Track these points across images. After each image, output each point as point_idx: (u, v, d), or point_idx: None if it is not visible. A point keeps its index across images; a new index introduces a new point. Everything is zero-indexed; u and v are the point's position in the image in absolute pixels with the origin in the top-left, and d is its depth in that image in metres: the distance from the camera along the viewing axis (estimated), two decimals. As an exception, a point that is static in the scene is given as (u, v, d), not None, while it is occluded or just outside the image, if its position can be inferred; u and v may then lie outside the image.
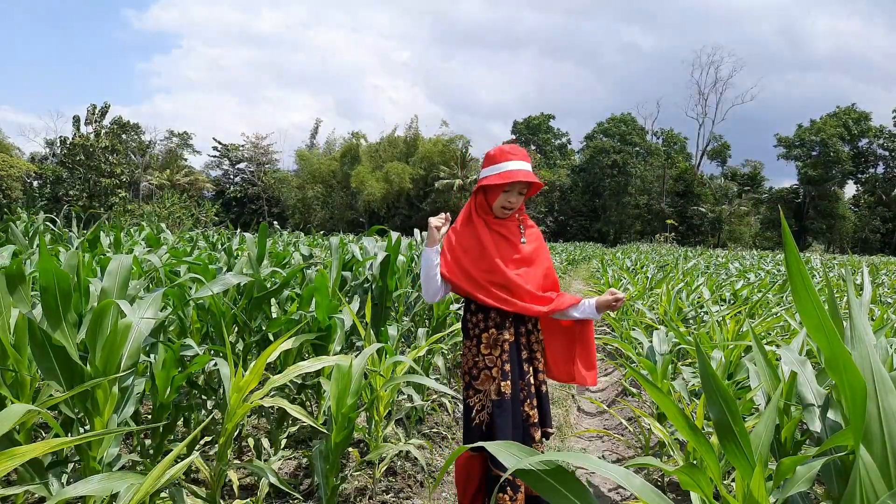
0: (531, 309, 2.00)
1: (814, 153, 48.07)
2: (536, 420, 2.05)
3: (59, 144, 32.54)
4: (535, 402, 2.05)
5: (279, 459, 2.56)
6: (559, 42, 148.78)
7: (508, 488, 1.97)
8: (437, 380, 3.83)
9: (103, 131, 31.96)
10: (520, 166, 1.98)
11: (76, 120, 31.73)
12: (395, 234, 3.77)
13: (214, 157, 51.71)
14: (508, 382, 2.00)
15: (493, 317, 2.04)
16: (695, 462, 2.40)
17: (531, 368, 2.07)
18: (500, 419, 1.97)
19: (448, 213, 2.08)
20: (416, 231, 5.72)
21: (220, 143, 51.00)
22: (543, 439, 2.08)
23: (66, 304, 1.78)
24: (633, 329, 3.89)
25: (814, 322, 1.12)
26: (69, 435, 2.06)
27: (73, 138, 30.79)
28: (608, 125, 50.39)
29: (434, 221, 2.03)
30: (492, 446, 1.15)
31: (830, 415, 1.67)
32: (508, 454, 1.12)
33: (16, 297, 1.83)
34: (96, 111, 32.04)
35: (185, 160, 49.58)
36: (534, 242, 2.10)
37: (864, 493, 1.12)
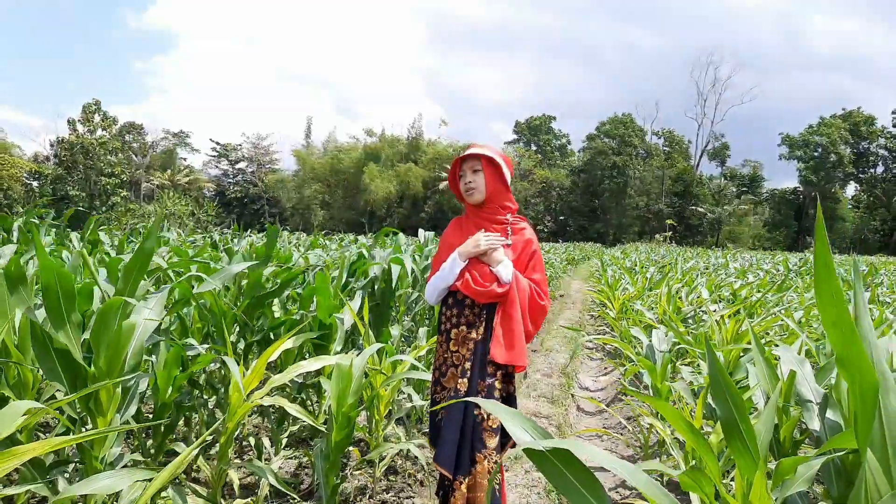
0: (493, 291, 1.97)
1: (815, 154, 48.05)
2: (495, 426, 1.97)
3: (56, 144, 32.57)
4: None
5: (280, 459, 2.57)
6: (559, 42, 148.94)
7: (451, 489, 1.95)
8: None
9: (99, 130, 32.01)
10: (467, 151, 2.06)
11: (72, 122, 31.80)
12: (402, 237, 3.77)
13: (213, 156, 51.63)
14: (465, 380, 1.98)
15: (467, 314, 2.02)
16: (694, 461, 2.41)
17: (499, 373, 2.01)
18: (449, 416, 1.94)
19: (505, 238, 2.05)
20: (421, 231, 5.72)
21: (217, 142, 50.91)
22: (500, 449, 2.00)
23: (69, 303, 1.78)
24: (633, 328, 3.90)
25: (832, 317, 1.10)
26: (71, 435, 2.07)
27: (69, 137, 30.86)
28: (608, 126, 50.37)
29: (482, 241, 2.00)
30: (505, 419, 1.13)
31: (830, 414, 1.68)
32: (520, 429, 1.11)
33: (16, 298, 1.83)
34: (90, 109, 32.09)
35: (184, 159, 49.54)
36: (519, 246, 2.07)
37: (868, 493, 1.13)
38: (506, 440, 2.04)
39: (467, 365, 1.99)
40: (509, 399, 2.07)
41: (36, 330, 1.73)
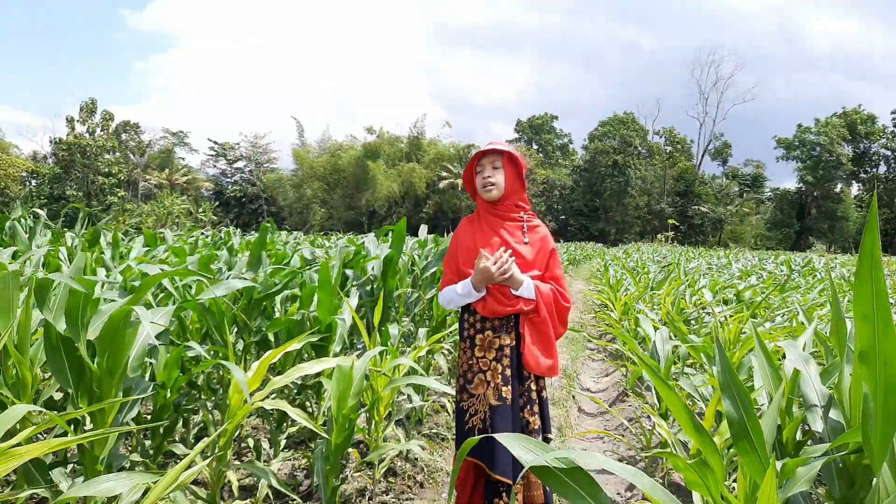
0: (518, 306, 1.96)
1: (814, 153, 47.98)
2: (537, 427, 2.01)
3: (54, 143, 32.63)
4: (535, 409, 2.02)
5: (279, 460, 2.56)
6: (559, 42, 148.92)
7: (504, 494, 1.94)
8: (437, 380, 3.82)
9: (98, 130, 32.05)
10: (488, 146, 2.05)
11: (70, 120, 31.85)
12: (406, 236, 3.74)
13: (211, 155, 51.53)
14: (510, 388, 1.96)
15: (492, 319, 2.00)
16: (703, 460, 2.39)
17: (532, 374, 2.02)
18: (502, 425, 1.93)
19: (508, 255, 1.96)
20: (422, 229, 5.64)
21: (215, 142, 50.82)
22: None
23: (85, 310, 1.79)
24: (637, 328, 3.88)
25: (865, 309, 1.07)
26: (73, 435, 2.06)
27: (66, 137, 30.96)
28: (609, 126, 50.33)
29: (493, 270, 1.90)
30: (504, 439, 1.14)
31: (833, 415, 1.66)
32: (521, 447, 1.12)
33: (45, 307, 1.83)
34: (86, 108, 32.13)
35: (182, 159, 49.42)
36: (536, 244, 2.05)
37: (878, 493, 1.12)
38: (546, 436, 2.06)
39: (508, 373, 1.97)
40: (541, 394, 2.08)
41: (51, 334, 1.73)
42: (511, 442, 1.13)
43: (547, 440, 2.06)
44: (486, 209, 2.09)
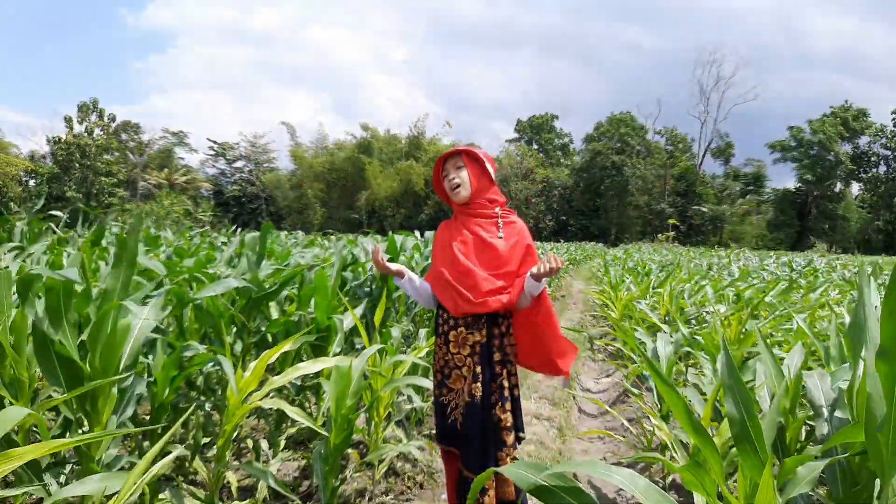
0: (488, 305, 1.96)
1: (811, 152, 47.87)
2: (509, 424, 2.02)
3: (53, 143, 32.61)
4: (507, 406, 2.02)
5: (278, 461, 2.55)
6: (559, 41, 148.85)
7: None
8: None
9: (97, 130, 32.05)
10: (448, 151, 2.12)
11: (68, 120, 31.83)
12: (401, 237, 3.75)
13: (210, 155, 51.37)
14: (479, 385, 1.98)
15: (465, 316, 2.02)
16: (698, 461, 2.38)
17: (504, 371, 2.04)
18: (471, 422, 1.96)
19: (377, 247, 2.08)
20: (417, 232, 5.73)
21: (214, 142, 50.67)
22: (516, 444, 2.06)
23: (67, 304, 1.78)
24: (636, 329, 3.87)
25: (892, 307, 1.09)
26: (68, 436, 2.05)
27: (65, 137, 30.96)
28: (607, 126, 50.23)
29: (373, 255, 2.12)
30: (505, 469, 1.16)
31: (839, 413, 1.65)
32: (519, 475, 1.13)
33: (27, 303, 1.82)
34: (86, 107, 32.12)
35: (182, 159, 49.29)
36: (512, 238, 2.06)
37: (883, 491, 1.11)
38: (519, 435, 2.07)
39: (478, 370, 1.99)
40: (514, 392, 2.08)
41: (37, 331, 1.72)
42: (510, 471, 1.16)
43: (520, 439, 2.07)
44: (460, 210, 2.12)
